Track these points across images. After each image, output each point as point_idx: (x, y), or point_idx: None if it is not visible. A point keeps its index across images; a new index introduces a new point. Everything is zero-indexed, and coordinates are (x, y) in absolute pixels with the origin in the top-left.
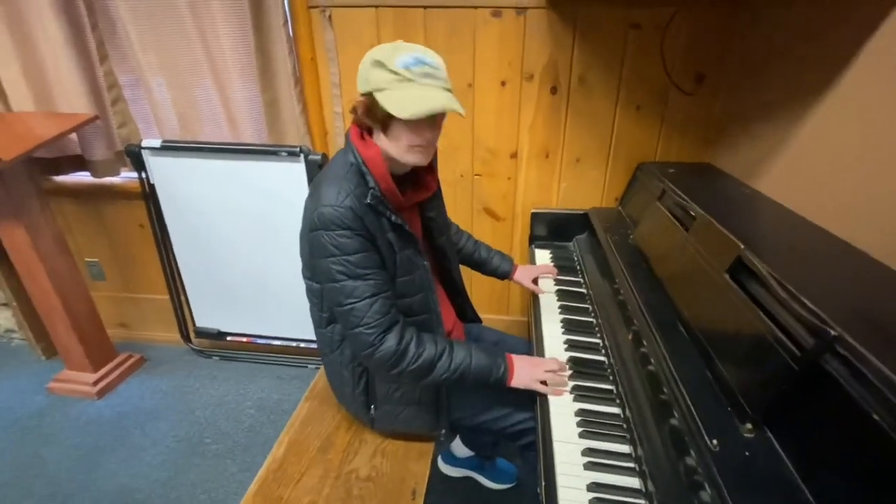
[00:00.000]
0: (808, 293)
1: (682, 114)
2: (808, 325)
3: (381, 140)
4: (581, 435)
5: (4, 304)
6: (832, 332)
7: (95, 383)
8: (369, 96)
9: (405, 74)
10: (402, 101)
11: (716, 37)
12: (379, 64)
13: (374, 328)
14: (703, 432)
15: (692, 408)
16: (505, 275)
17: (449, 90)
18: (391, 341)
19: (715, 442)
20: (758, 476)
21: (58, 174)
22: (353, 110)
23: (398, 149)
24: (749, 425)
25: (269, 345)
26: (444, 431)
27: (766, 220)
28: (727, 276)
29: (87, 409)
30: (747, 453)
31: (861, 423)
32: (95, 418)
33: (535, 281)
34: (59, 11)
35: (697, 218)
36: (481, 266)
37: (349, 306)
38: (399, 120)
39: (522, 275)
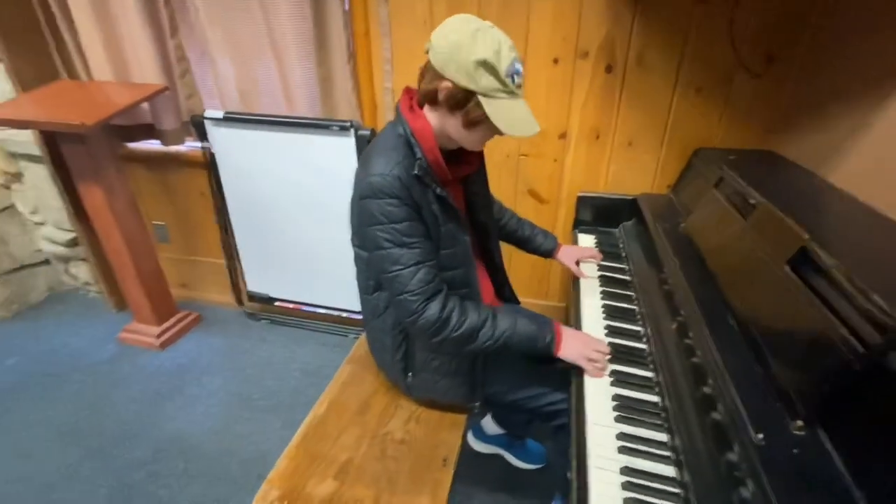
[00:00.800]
0: (877, 289)
1: (748, 97)
2: (874, 321)
3: (446, 122)
4: (617, 419)
5: (83, 259)
6: None
7: (159, 336)
8: (465, 91)
9: (511, 87)
10: (511, 120)
11: (792, 13)
12: (489, 68)
13: (418, 295)
14: (749, 426)
15: (738, 401)
16: (548, 253)
17: None
18: (434, 309)
19: (761, 436)
20: (806, 475)
21: (131, 141)
22: (428, 93)
23: (471, 140)
24: (800, 422)
25: (315, 312)
26: (477, 404)
27: (835, 212)
28: (788, 269)
29: (151, 359)
30: (796, 451)
31: None
32: (158, 368)
33: (577, 263)
34: None
35: (758, 206)
36: (524, 243)
37: (394, 273)
38: (492, 124)
39: (566, 255)
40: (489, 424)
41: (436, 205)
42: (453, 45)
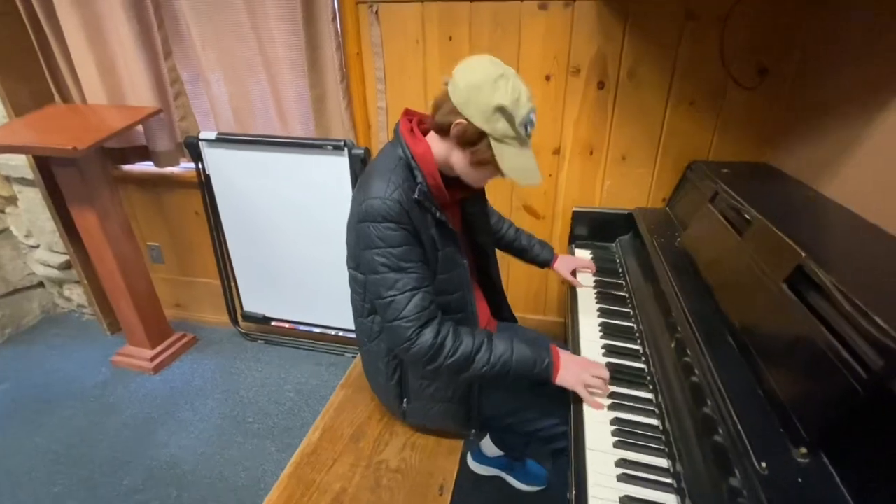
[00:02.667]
0: (878, 309)
1: (741, 110)
2: (877, 344)
3: (452, 154)
4: (616, 445)
5: (77, 282)
6: None
7: (153, 359)
8: (479, 132)
9: (523, 136)
10: (517, 167)
11: (782, 27)
12: (507, 115)
13: (412, 321)
14: (752, 453)
15: (739, 426)
16: (545, 263)
17: None
18: (428, 335)
19: (764, 465)
20: None
21: (125, 163)
22: (442, 126)
23: (474, 177)
24: (803, 449)
25: (310, 332)
26: (473, 431)
27: (831, 226)
28: (785, 287)
29: (144, 382)
30: (800, 479)
31: None
32: (151, 392)
33: (573, 273)
34: (130, 12)
35: (753, 222)
36: (522, 253)
37: (390, 298)
38: (497, 166)
39: (562, 265)
40: (489, 446)
41: (434, 229)
42: (475, 86)
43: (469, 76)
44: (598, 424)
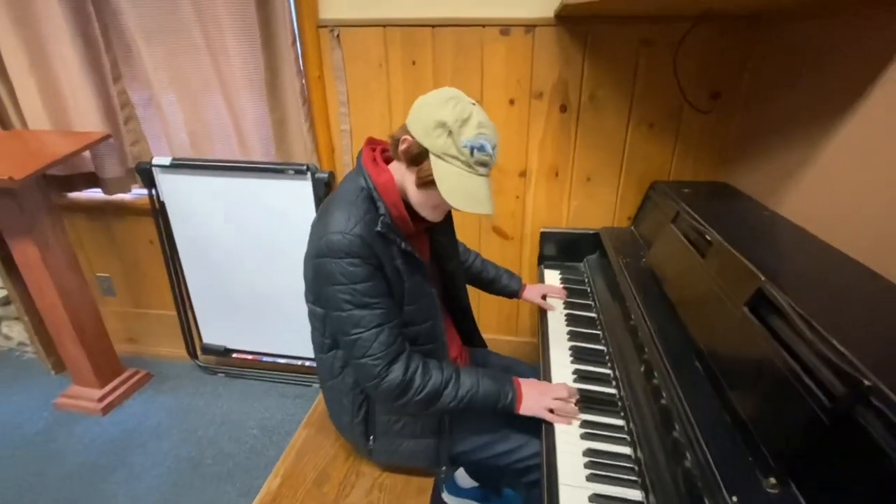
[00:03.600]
0: (838, 334)
1: (698, 132)
2: (838, 371)
3: (405, 178)
4: (589, 478)
5: (16, 318)
6: (866, 382)
7: (101, 399)
8: (422, 148)
9: (467, 158)
10: (456, 191)
11: (732, 53)
12: (447, 131)
13: (379, 359)
14: (722, 486)
15: (709, 457)
16: (513, 294)
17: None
18: (397, 372)
19: (735, 499)
20: None
21: (72, 191)
22: (396, 142)
23: (423, 205)
24: (773, 479)
25: (274, 363)
26: (444, 469)
27: (788, 247)
28: (746, 310)
29: (92, 426)
30: None
31: None
32: (99, 436)
33: (543, 297)
34: (75, 32)
35: (713, 244)
36: (489, 285)
37: (355, 336)
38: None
39: (531, 293)
40: (463, 477)
41: (400, 260)
42: (424, 105)
43: (424, 98)
44: (570, 456)
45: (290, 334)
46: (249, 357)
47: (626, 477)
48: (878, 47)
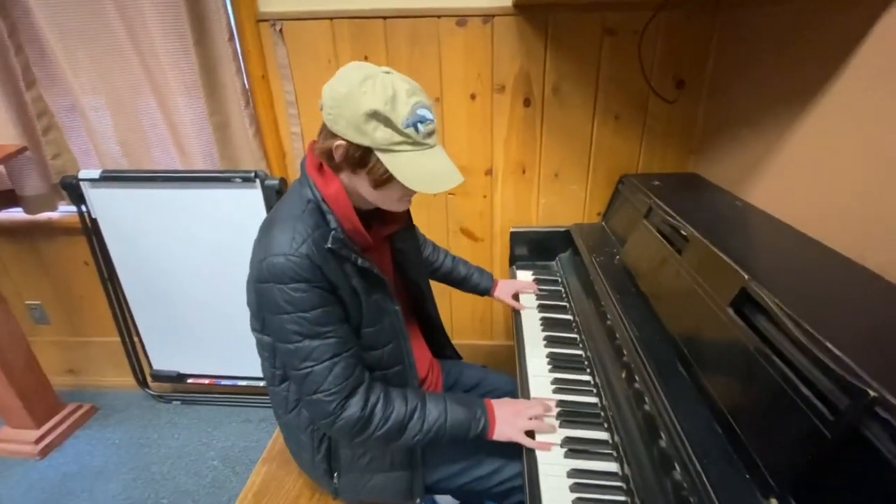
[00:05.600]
0: (833, 338)
1: (664, 122)
2: (838, 380)
3: (355, 182)
4: (575, 503)
5: None
6: (871, 393)
7: (38, 441)
8: (362, 148)
9: (415, 137)
10: (419, 175)
11: (695, 40)
12: (382, 119)
13: (334, 395)
14: None
15: (703, 476)
16: (485, 291)
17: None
18: (354, 407)
19: None
20: None
21: None
22: (328, 151)
23: (387, 200)
24: (774, 500)
25: (235, 385)
26: (418, 501)
27: (765, 239)
28: (731, 312)
29: (28, 471)
30: None
31: None
32: (37, 482)
33: (515, 297)
34: None
35: (691, 240)
36: (461, 283)
37: (307, 370)
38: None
39: (502, 291)
40: (443, 497)
41: (357, 278)
42: (340, 98)
43: (334, 89)
44: (554, 479)
45: (249, 353)
46: (206, 381)
47: (615, 498)
48: (847, 28)
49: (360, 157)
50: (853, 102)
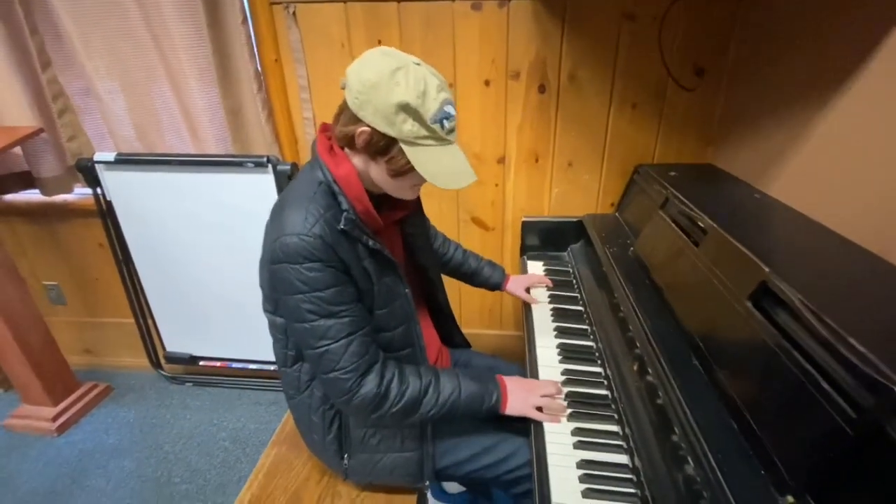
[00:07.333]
0: (858, 334)
1: (682, 111)
2: (862, 376)
3: (371, 168)
4: (585, 494)
5: None
6: None
7: (55, 418)
8: (386, 138)
9: (439, 133)
10: (440, 171)
11: (717, 26)
12: (412, 112)
13: (351, 372)
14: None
15: (717, 472)
16: (496, 286)
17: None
18: (371, 384)
19: None
20: None
21: (6, 193)
22: (350, 136)
23: (399, 189)
24: (790, 498)
25: (246, 369)
26: (427, 483)
27: (786, 232)
28: (750, 305)
29: (46, 447)
30: None
31: None
32: (54, 458)
33: (527, 290)
34: None
35: (708, 232)
36: (471, 278)
37: (323, 348)
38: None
39: (514, 285)
40: (450, 484)
41: (368, 259)
42: (370, 85)
43: (362, 75)
44: (563, 469)
45: (260, 337)
46: (217, 364)
47: (625, 490)
48: (880, 13)
49: (384, 146)
50: (884, 92)
